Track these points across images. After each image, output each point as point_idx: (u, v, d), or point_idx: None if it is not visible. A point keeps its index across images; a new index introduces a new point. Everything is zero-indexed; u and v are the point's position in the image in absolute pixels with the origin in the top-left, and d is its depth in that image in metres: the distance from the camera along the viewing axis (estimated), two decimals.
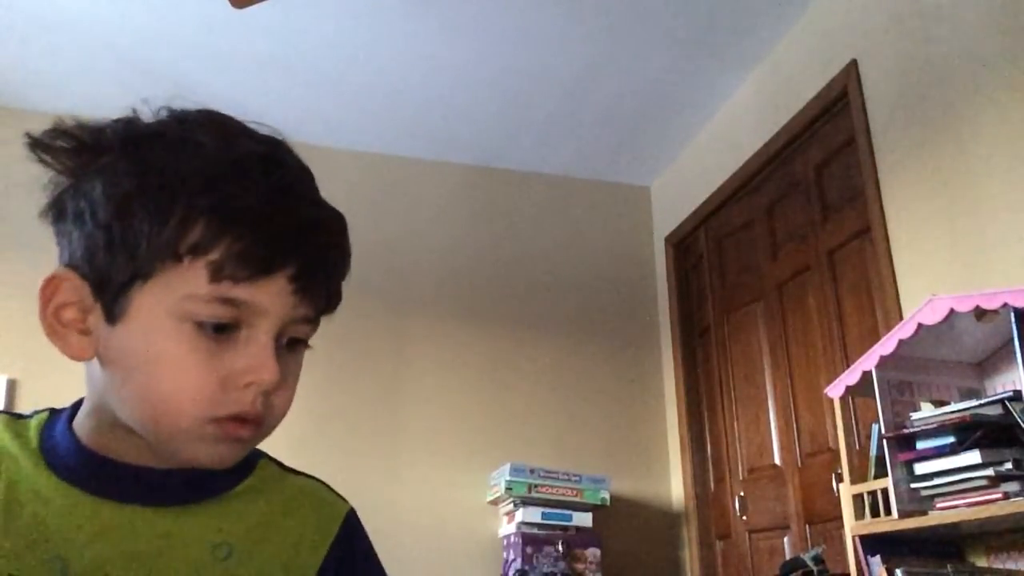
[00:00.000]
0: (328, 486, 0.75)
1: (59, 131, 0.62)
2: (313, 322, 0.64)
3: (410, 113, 3.47)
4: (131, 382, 0.60)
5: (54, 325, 0.62)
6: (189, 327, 0.58)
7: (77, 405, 0.67)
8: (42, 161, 0.62)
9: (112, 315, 0.60)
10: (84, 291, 0.61)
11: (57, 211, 0.62)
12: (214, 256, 0.57)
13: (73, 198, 0.61)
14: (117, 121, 0.63)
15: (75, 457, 0.63)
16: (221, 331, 0.59)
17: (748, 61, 3.14)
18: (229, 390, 0.59)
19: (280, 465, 0.73)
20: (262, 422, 0.62)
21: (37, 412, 0.67)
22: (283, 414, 0.63)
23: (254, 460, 0.70)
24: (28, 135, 0.62)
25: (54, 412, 0.67)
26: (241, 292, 0.58)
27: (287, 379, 0.62)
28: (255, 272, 0.58)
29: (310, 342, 0.67)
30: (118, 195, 0.59)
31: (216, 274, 0.58)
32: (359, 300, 3.49)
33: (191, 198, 0.58)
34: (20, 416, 0.67)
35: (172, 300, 0.58)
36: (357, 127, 3.56)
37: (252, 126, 0.65)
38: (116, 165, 0.60)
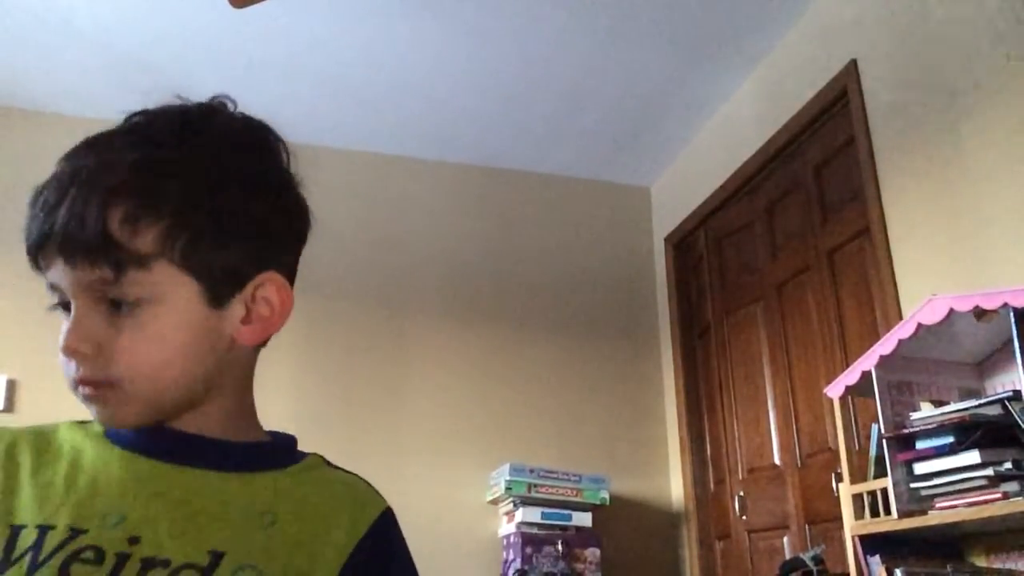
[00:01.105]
0: (370, 484, 0.78)
1: None
2: (117, 282, 0.64)
3: (410, 113, 3.47)
4: None
5: None
6: (58, 313, 0.68)
7: None
8: None
9: None
10: None
11: None
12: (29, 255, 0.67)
13: None
14: None
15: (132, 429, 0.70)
16: (69, 310, 0.66)
17: (748, 61, 3.14)
18: (64, 360, 0.66)
19: (327, 462, 0.78)
20: (105, 383, 0.65)
21: None
22: (140, 371, 0.65)
23: (304, 454, 0.76)
24: None
25: None
26: (47, 276, 0.66)
27: (126, 338, 0.65)
28: (35, 259, 0.66)
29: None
30: None
31: (34, 267, 0.67)
32: (359, 300, 3.50)
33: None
34: (84, 422, 0.73)
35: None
36: (357, 127, 3.56)
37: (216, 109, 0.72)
38: None
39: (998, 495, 1.66)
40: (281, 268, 0.73)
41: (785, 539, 2.88)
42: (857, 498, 1.98)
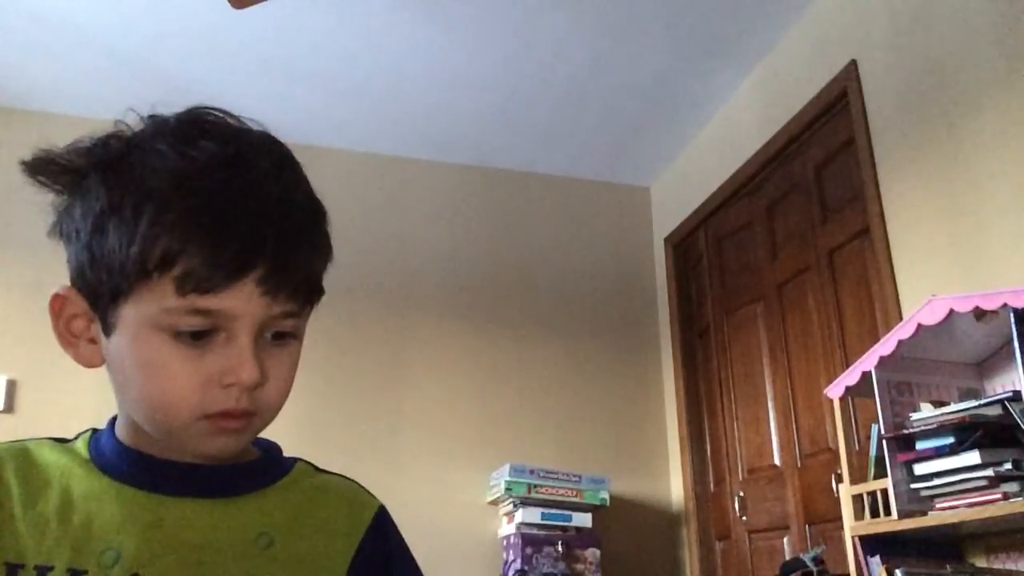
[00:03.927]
0: (360, 485, 0.78)
1: (47, 158, 0.65)
2: (296, 315, 0.66)
3: (410, 113, 3.47)
4: (130, 388, 0.65)
5: (66, 336, 0.67)
6: (168, 336, 0.62)
7: (116, 418, 0.71)
8: (40, 184, 0.66)
9: (107, 328, 0.64)
10: (84, 305, 0.66)
11: (58, 232, 0.67)
12: (178, 271, 0.60)
13: (65, 220, 0.66)
14: (97, 140, 0.66)
15: (122, 457, 0.68)
16: (200, 337, 0.62)
17: (748, 61, 3.14)
18: (213, 390, 0.62)
19: (315, 467, 0.77)
20: (252, 414, 0.65)
21: (80, 434, 0.71)
22: (278, 403, 0.67)
23: (291, 463, 0.75)
24: (23, 162, 0.66)
25: (96, 430, 0.72)
26: (209, 302, 0.61)
27: (275, 371, 0.65)
28: (217, 283, 0.60)
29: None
30: (93, 215, 0.63)
31: (182, 288, 0.60)
32: (359, 300, 3.50)
33: (153, 215, 0.60)
34: (64, 440, 0.71)
35: (149, 313, 0.61)
36: (357, 127, 3.56)
37: (235, 123, 0.67)
38: (92, 186, 0.64)
39: (998, 495, 1.66)
40: None
41: (785, 539, 2.88)
42: (857, 498, 1.98)
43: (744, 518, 3.11)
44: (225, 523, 0.67)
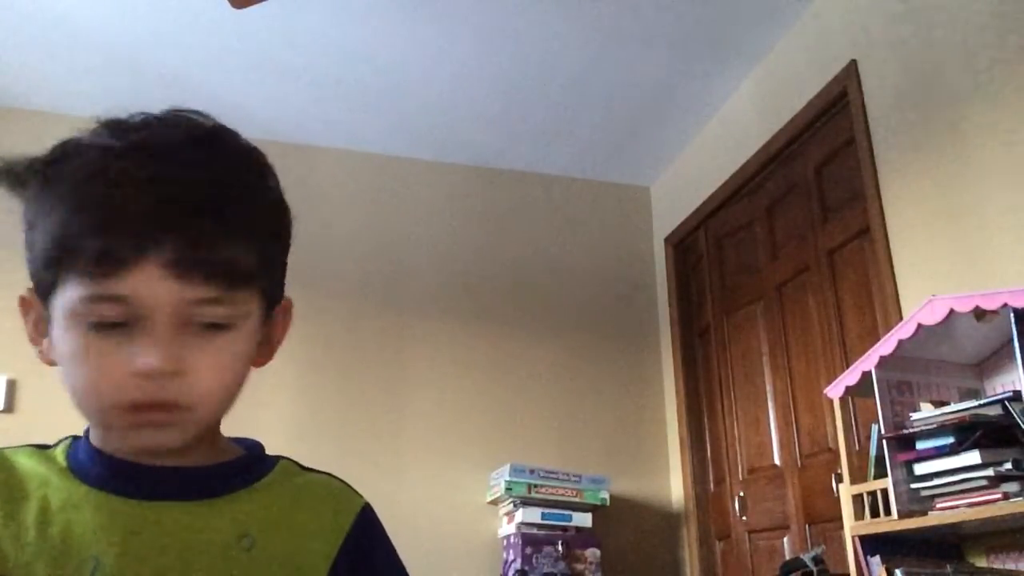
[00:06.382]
0: (345, 482, 0.77)
1: (5, 167, 0.67)
2: (219, 303, 0.63)
3: (410, 113, 3.47)
4: (65, 380, 0.65)
5: (33, 335, 0.69)
6: (88, 328, 0.62)
7: None
8: (12, 192, 0.68)
9: (49, 323, 0.66)
10: (40, 305, 0.67)
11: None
12: (82, 258, 0.61)
13: (22, 224, 0.68)
14: (50, 147, 0.67)
15: (98, 464, 0.67)
16: (117, 327, 0.62)
17: (748, 61, 3.14)
18: (127, 380, 0.61)
19: (299, 465, 0.76)
20: (173, 406, 0.63)
21: (61, 440, 0.71)
22: (210, 397, 0.65)
23: (274, 461, 0.74)
24: None
25: (76, 437, 0.71)
26: (115, 287, 0.60)
27: (202, 363, 0.63)
28: (115, 268, 0.60)
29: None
30: (28, 217, 0.66)
31: (86, 275, 0.61)
32: (359, 300, 3.50)
33: (66, 205, 0.62)
34: (45, 446, 0.71)
35: (67, 304, 0.62)
36: (357, 127, 3.56)
37: (192, 119, 0.68)
38: (31, 191, 0.66)
39: (998, 495, 1.66)
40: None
41: (785, 539, 2.88)
42: (857, 498, 1.98)
43: (744, 518, 3.11)
44: (205, 526, 0.66)
